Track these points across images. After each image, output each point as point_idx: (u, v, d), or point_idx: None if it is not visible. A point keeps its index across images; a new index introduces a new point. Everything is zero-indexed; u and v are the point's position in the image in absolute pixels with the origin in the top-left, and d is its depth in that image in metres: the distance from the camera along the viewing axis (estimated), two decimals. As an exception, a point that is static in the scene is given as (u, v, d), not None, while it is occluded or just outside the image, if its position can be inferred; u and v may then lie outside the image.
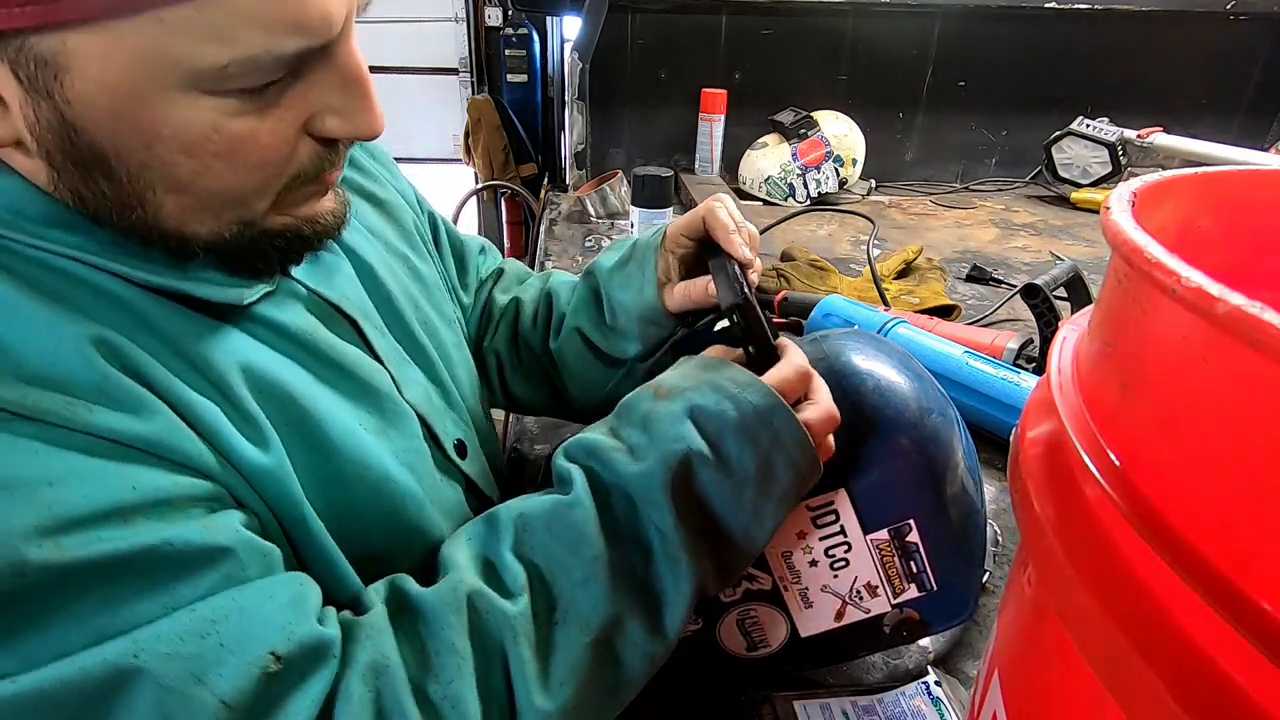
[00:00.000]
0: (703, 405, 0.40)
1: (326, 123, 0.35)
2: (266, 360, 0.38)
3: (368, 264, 0.49)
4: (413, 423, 0.46)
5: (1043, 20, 1.62)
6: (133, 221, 0.33)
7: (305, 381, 0.39)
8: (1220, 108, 1.77)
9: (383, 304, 0.49)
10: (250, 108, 0.32)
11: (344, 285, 0.46)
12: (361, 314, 0.45)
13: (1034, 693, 0.25)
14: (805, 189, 1.54)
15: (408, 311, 0.50)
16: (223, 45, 0.29)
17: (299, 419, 0.38)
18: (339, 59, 0.33)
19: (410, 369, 0.48)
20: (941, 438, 0.43)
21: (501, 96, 3.72)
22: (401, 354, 0.48)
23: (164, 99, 0.30)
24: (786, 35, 1.58)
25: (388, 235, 0.54)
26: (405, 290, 0.51)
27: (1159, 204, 0.23)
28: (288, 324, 0.40)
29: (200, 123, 0.31)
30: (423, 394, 0.48)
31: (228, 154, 0.32)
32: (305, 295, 0.43)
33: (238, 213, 0.35)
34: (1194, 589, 0.16)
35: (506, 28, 3.74)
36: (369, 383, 0.43)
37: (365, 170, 0.55)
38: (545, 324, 0.64)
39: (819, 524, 0.44)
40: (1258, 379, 0.15)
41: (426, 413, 0.47)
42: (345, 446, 0.40)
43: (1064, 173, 1.63)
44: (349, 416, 0.41)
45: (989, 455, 0.71)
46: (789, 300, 0.98)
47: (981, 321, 0.99)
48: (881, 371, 0.44)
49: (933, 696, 0.47)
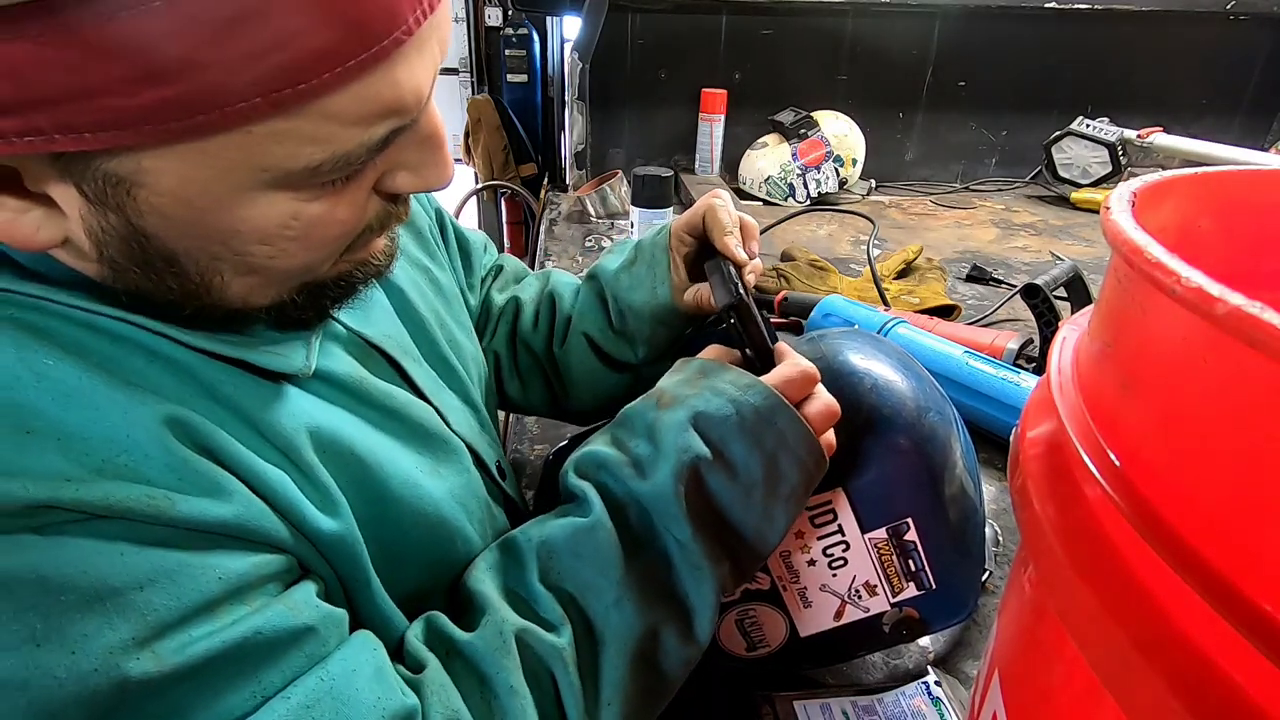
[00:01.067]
0: (705, 411, 0.39)
1: (398, 180, 0.33)
2: (327, 417, 0.37)
3: (399, 289, 0.47)
4: (464, 455, 0.45)
5: (1043, 20, 1.62)
6: (194, 309, 0.32)
7: (364, 433, 0.38)
8: (1220, 108, 1.77)
9: (416, 330, 0.48)
10: (329, 191, 0.30)
11: (381, 320, 0.44)
12: (401, 350, 0.44)
13: (1034, 693, 0.25)
14: (805, 189, 1.54)
15: (437, 333, 0.49)
16: (316, 147, 0.27)
17: (361, 474, 0.37)
18: (421, 122, 0.31)
19: (448, 395, 0.48)
20: (939, 437, 0.43)
21: (501, 96, 3.72)
22: (438, 381, 0.47)
23: (247, 200, 0.28)
24: (786, 35, 1.58)
25: (410, 247, 0.52)
26: (432, 309, 0.50)
27: (1159, 204, 0.23)
28: (339, 375, 0.39)
29: (279, 215, 0.29)
30: (464, 420, 0.48)
31: (305, 237, 0.30)
32: (345, 336, 0.41)
33: (303, 280, 0.34)
34: (1194, 589, 0.16)
35: (506, 28, 3.74)
36: (419, 423, 0.42)
37: None
38: (549, 328, 0.62)
39: (817, 523, 0.44)
40: (1258, 379, 0.15)
41: (471, 438, 0.47)
42: (404, 496, 0.39)
43: (1064, 173, 1.63)
44: (407, 461, 0.40)
45: (989, 455, 0.71)
46: (789, 300, 0.98)
47: (981, 321, 0.99)
48: (879, 370, 0.44)
49: (933, 696, 0.47)
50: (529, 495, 0.67)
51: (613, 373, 0.60)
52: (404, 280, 0.48)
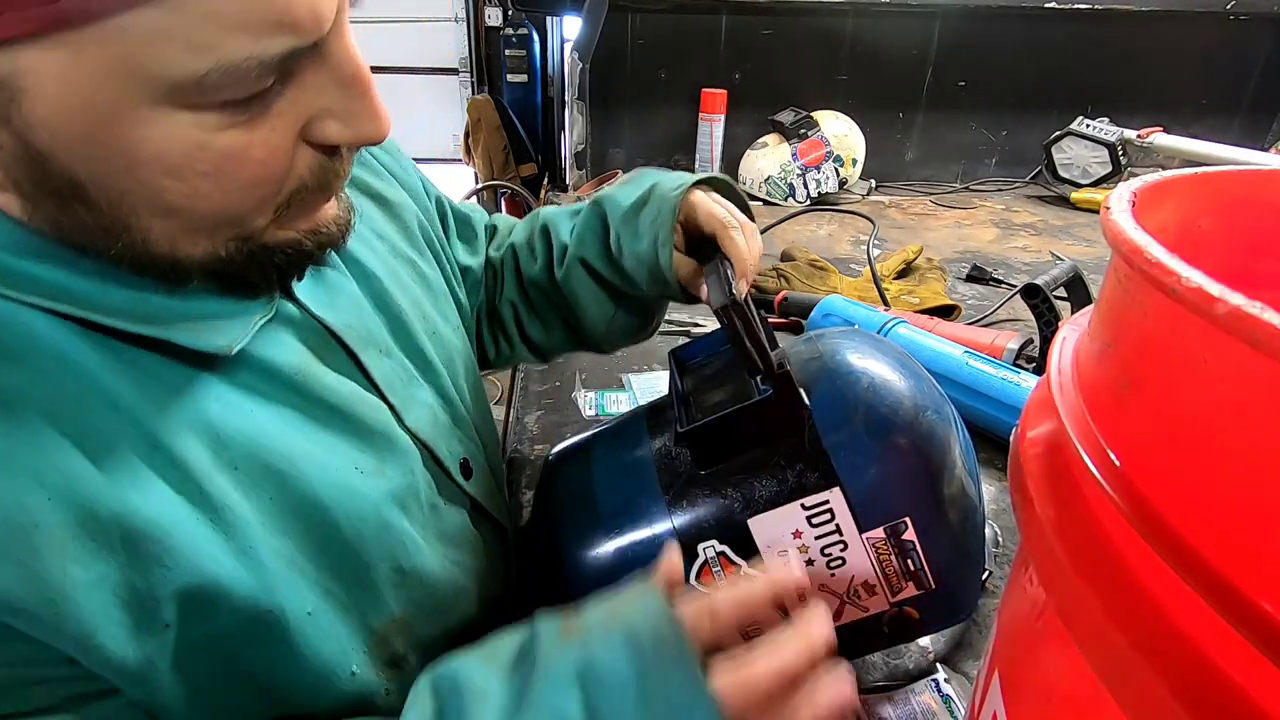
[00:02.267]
0: (600, 665, 0.31)
1: (326, 128, 0.31)
2: (247, 415, 0.35)
3: (375, 278, 0.46)
4: (411, 455, 0.43)
5: (1043, 20, 1.62)
6: (119, 249, 0.30)
7: (292, 430, 0.36)
8: (1220, 108, 1.77)
9: (391, 320, 0.46)
10: (237, 120, 0.28)
11: (346, 308, 0.42)
12: (362, 341, 0.42)
13: (1034, 693, 0.25)
14: (805, 189, 1.54)
15: (416, 325, 0.47)
16: (199, 53, 0.25)
17: (278, 481, 0.35)
18: (333, 57, 0.30)
19: (418, 388, 0.46)
20: (938, 436, 0.43)
21: (501, 96, 3.72)
22: (409, 373, 0.46)
23: (138, 117, 0.26)
24: (786, 35, 1.58)
25: (394, 239, 0.51)
26: (414, 300, 0.49)
27: (1159, 204, 0.23)
28: (280, 365, 0.37)
29: (183, 140, 0.27)
30: (429, 415, 0.46)
31: (216, 173, 0.29)
32: (300, 319, 0.39)
33: (235, 230, 0.32)
34: (1194, 589, 0.16)
35: (506, 28, 3.74)
36: (364, 421, 0.40)
37: (371, 166, 0.52)
38: (546, 256, 0.60)
39: (814, 523, 0.43)
40: (1258, 379, 0.15)
41: (431, 436, 0.45)
42: (334, 498, 0.37)
43: (1064, 173, 1.63)
44: (342, 461, 0.38)
45: (989, 455, 0.71)
46: (789, 300, 0.98)
47: (981, 321, 0.99)
48: (876, 370, 0.44)
49: (943, 694, 0.47)
50: (528, 496, 0.67)
51: (616, 300, 0.58)
52: (381, 270, 0.46)
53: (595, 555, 0.45)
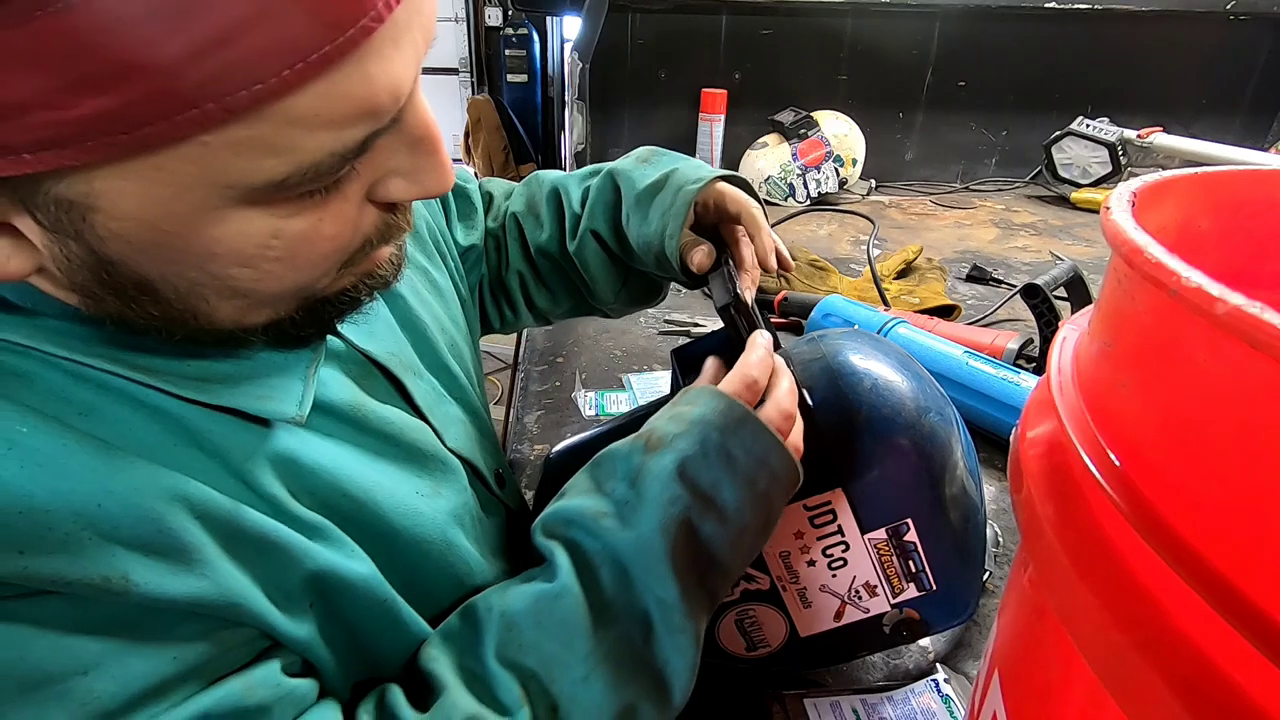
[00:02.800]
0: (694, 457, 0.37)
1: (392, 188, 0.30)
2: (321, 456, 0.35)
3: (401, 298, 0.45)
4: (460, 472, 0.43)
5: (1043, 20, 1.62)
6: (185, 334, 0.30)
7: (361, 465, 0.37)
8: (1220, 108, 1.77)
9: (418, 340, 0.46)
10: (310, 204, 0.27)
11: (385, 335, 0.42)
12: (403, 367, 0.42)
13: (1034, 693, 0.25)
14: (805, 189, 1.54)
15: (439, 340, 0.47)
16: (281, 157, 0.24)
17: (357, 514, 0.36)
18: (407, 124, 0.29)
19: (449, 406, 0.46)
20: (939, 437, 0.43)
21: (501, 96, 3.72)
22: (440, 392, 0.46)
23: (215, 218, 0.25)
24: (786, 35, 1.58)
25: (410, 249, 0.50)
26: (434, 315, 0.49)
27: (1159, 204, 0.23)
28: (336, 403, 0.37)
29: (257, 234, 0.26)
30: (463, 431, 0.46)
31: (289, 257, 0.28)
32: (344, 352, 0.39)
33: (299, 299, 0.32)
34: (1194, 589, 0.16)
35: (506, 28, 3.74)
36: (415, 445, 0.41)
37: None
38: (558, 227, 0.59)
39: (816, 524, 0.43)
40: (1258, 379, 0.15)
41: (471, 453, 0.45)
42: (405, 526, 0.38)
43: (1064, 173, 1.63)
44: (405, 487, 0.39)
45: (989, 455, 0.71)
46: (789, 300, 0.98)
47: (981, 321, 0.99)
48: (879, 371, 0.44)
49: (942, 694, 0.47)
50: (528, 496, 0.67)
51: (627, 273, 0.59)
52: (405, 288, 0.46)
53: (595, 555, 0.45)
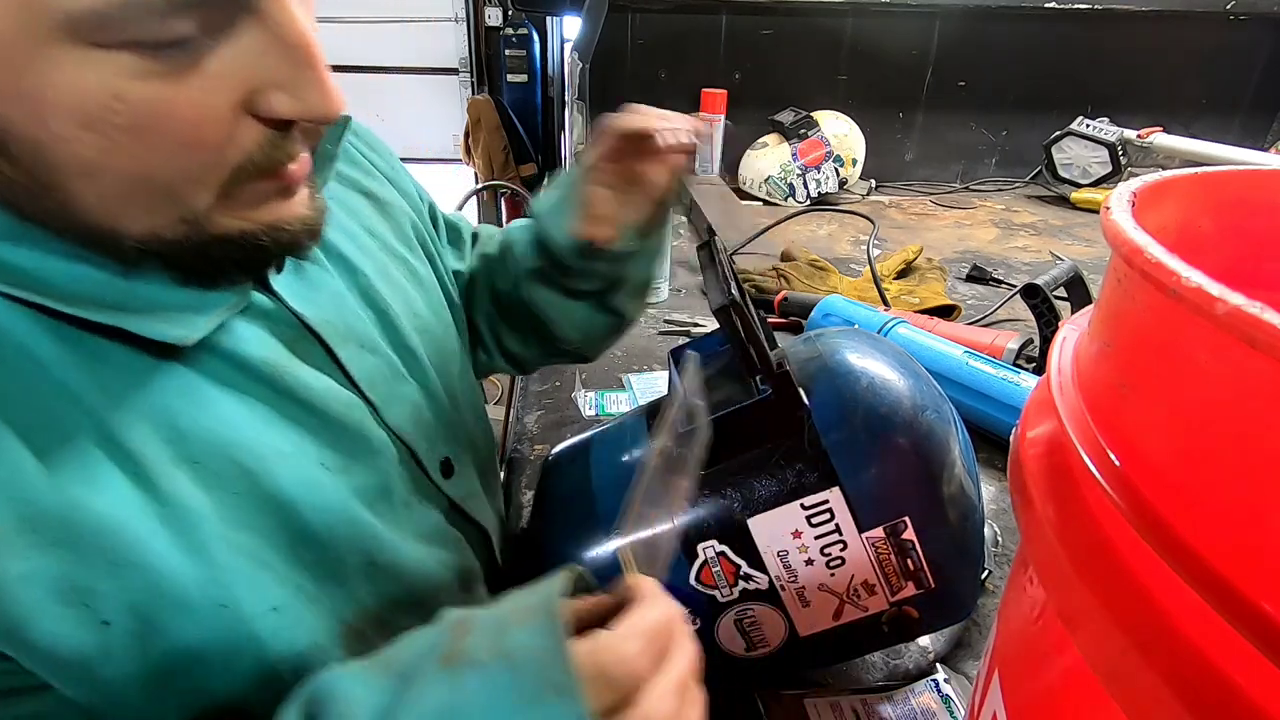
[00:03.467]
0: (467, 712, 0.27)
1: (270, 99, 0.30)
2: (214, 406, 0.34)
3: (362, 274, 0.45)
4: (386, 452, 0.42)
5: (1043, 20, 1.62)
6: (51, 211, 0.29)
7: (261, 424, 0.36)
8: (1220, 108, 1.77)
9: (379, 316, 0.46)
10: (156, 68, 0.26)
11: (326, 303, 0.42)
12: (340, 336, 0.41)
13: (1034, 693, 0.25)
14: (805, 189, 1.54)
15: (405, 322, 0.47)
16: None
17: (241, 475, 0.34)
18: (273, 19, 0.28)
19: (404, 385, 0.45)
20: (937, 436, 0.43)
21: (501, 96, 3.72)
22: (395, 369, 0.45)
23: (45, 57, 0.25)
24: (786, 35, 1.58)
25: (387, 236, 0.51)
26: (404, 297, 0.49)
27: (1159, 204, 0.23)
28: (250, 358, 0.36)
29: (96, 88, 0.26)
30: (412, 412, 0.45)
31: (136, 128, 0.27)
32: (274, 312, 0.38)
33: (176, 208, 0.30)
34: (1194, 589, 0.16)
35: (506, 28, 3.74)
36: (335, 417, 0.39)
37: (362, 166, 0.52)
38: (511, 276, 0.60)
39: (814, 522, 0.43)
40: (1258, 379, 0.15)
41: (412, 434, 0.44)
42: (301, 496, 0.36)
43: (1064, 173, 1.63)
44: (308, 458, 0.38)
45: (989, 455, 0.71)
46: (789, 300, 0.98)
47: (981, 321, 0.99)
48: (876, 369, 0.44)
49: (942, 694, 0.47)
50: (528, 496, 0.67)
51: (579, 303, 0.58)
52: (370, 266, 0.46)
53: (594, 555, 0.45)
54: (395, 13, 4.22)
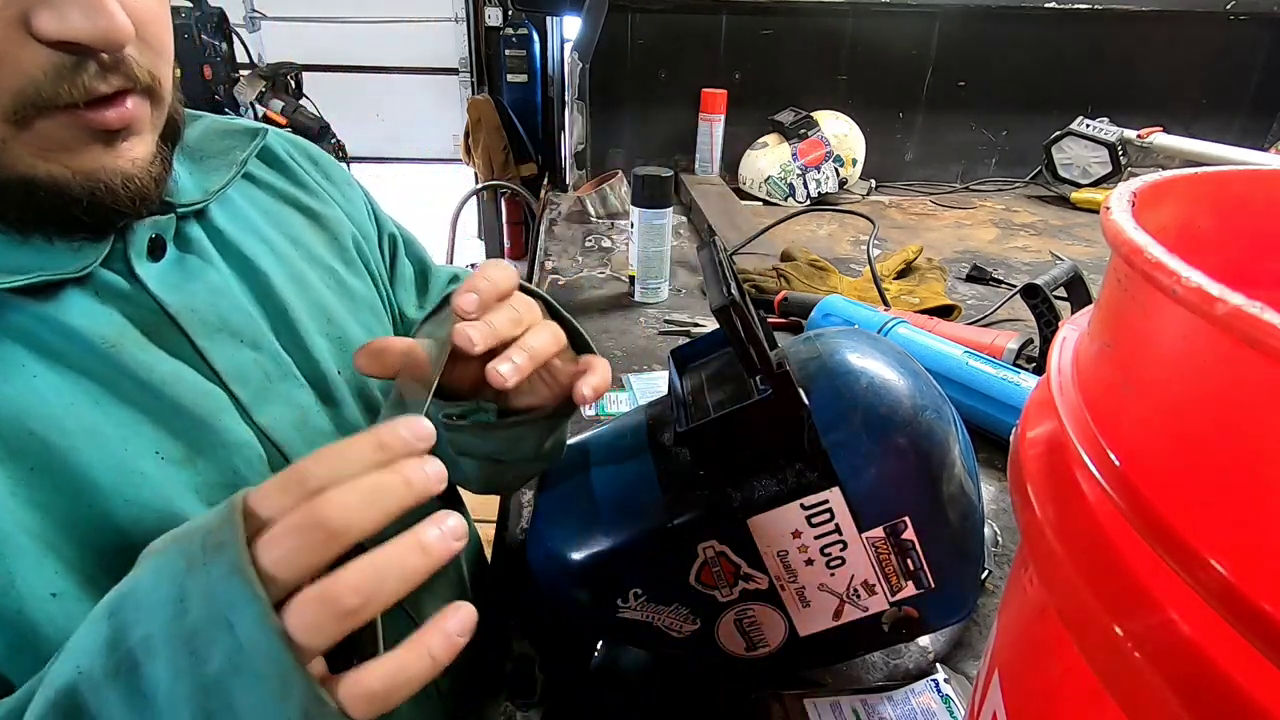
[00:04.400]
0: (138, 583, 0.26)
1: (41, 19, 0.29)
2: (23, 378, 0.33)
3: (262, 273, 0.44)
4: (244, 450, 0.40)
5: (1043, 20, 1.62)
6: None
7: (84, 403, 0.34)
8: (1220, 108, 1.77)
9: (274, 316, 0.44)
10: None
11: (199, 294, 0.41)
12: (207, 327, 0.40)
13: (1034, 692, 0.25)
14: (805, 189, 1.54)
15: (309, 325, 0.46)
16: None
17: (43, 450, 0.33)
18: None
19: (291, 387, 0.43)
20: (937, 435, 0.43)
21: (501, 96, 3.72)
22: (283, 369, 0.43)
23: None
24: (786, 35, 1.58)
25: (315, 247, 0.50)
26: (317, 303, 0.47)
27: (1159, 204, 0.23)
28: (86, 333, 0.35)
29: None
30: (295, 416, 0.43)
31: None
32: (130, 294, 0.38)
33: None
34: (1194, 589, 0.16)
35: (506, 28, 3.74)
36: (184, 405, 0.37)
37: (299, 180, 0.52)
38: None
39: (813, 522, 0.43)
40: (1258, 379, 0.15)
41: (290, 438, 0.42)
42: (115, 486, 0.34)
43: (1064, 173, 1.63)
44: (139, 442, 0.36)
45: (989, 455, 0.71)
46: (789, 300, 0.98)
47: (981, 321, 0.99)
48: (875, 369, 0.44)
49: (942, 694, 0.47)
50: (528, 496, 0.67)
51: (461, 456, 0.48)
52: (276, 268, 0.45)
53: (595, 555, 0.45)
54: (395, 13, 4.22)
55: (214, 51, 2.33)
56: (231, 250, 0.44)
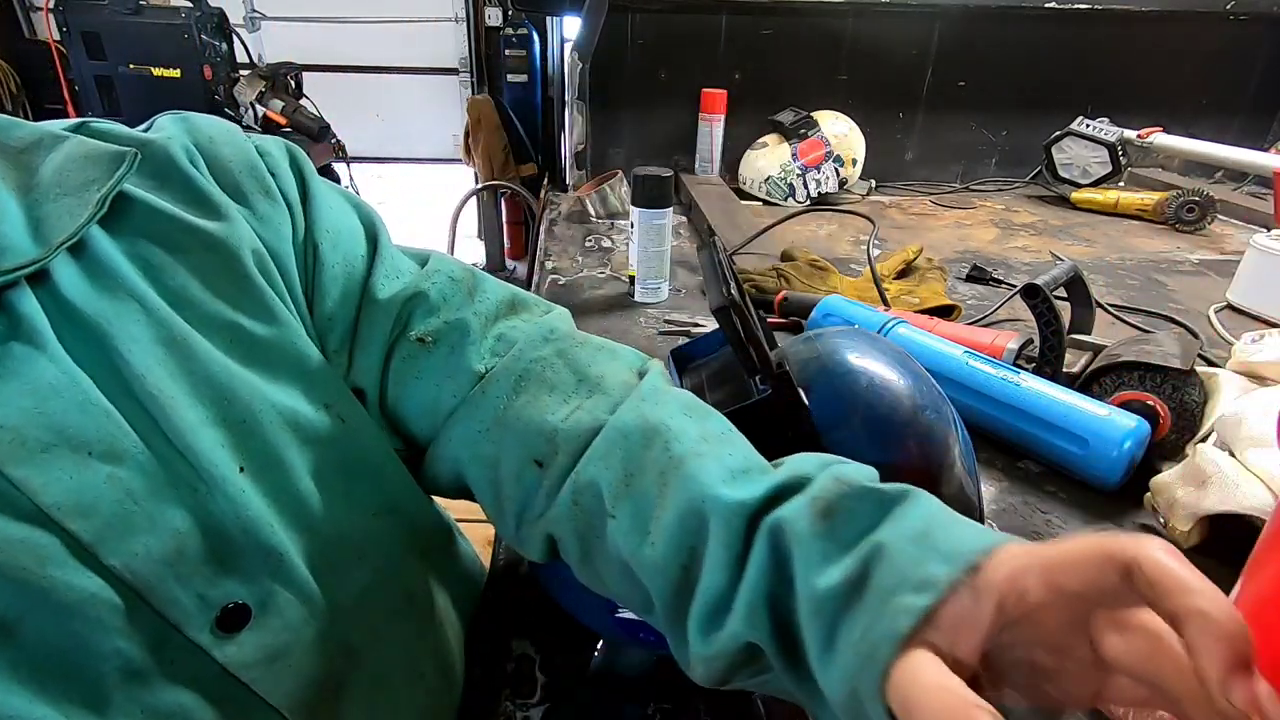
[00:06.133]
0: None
1: None
2: None
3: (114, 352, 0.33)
4: (87, 609, 0.30)
5: (1043, 20, 1.62)
6: None
7: None
8: (1220, 108, 1.77)
9: (137, 412, 0.33)
10: None
11: (14, 401, 0.31)
12: (26, 449, 0.30)
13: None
14: (805, 189, 1.54)
15: (190, 417, 0.34)
16: None
17: None
18: None
19: (161, 505, 0.33)
20: (936, 435, 0.43)
21: (501, 96, 3.72)
22: (152, 484, 0.33)
23: None
24: (786, 35, 1.58)
25: (206, 298, 0.37)
26: (207, 380, 0.35)
27: None
28: None
29: None
30: (167, 547, 0.33)
31: None
32: None
33: None
34: None
35: (506, 28, 3.74)
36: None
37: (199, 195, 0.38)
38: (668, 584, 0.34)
39: (818, 524, 0.43)
40: None
41: (157, 578, 0.32)
42: None
43: (1064, 173, 1.63)
44: None
45: (989, 455, 0.71)
46: (789, 300, 0.98)
47: (981, 321, 0.99)
48: (875, 369, 0.44)
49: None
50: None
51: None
52: (137, 337, 0.34)
53: (595, 555, 0.45)
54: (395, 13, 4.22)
55: (214, 51, 2.33)
56: (80, 323, 0.33)
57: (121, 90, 2.29)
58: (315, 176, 0.44)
